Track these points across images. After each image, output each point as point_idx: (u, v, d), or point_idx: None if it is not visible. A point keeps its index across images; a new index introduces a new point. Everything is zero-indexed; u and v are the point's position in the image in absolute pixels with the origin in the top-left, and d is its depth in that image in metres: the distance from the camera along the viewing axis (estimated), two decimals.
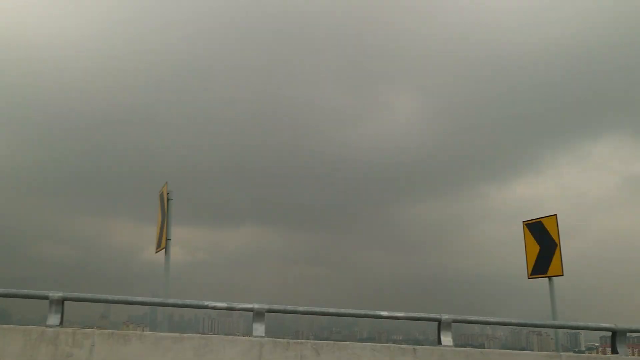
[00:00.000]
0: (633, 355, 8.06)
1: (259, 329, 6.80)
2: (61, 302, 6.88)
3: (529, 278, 9.22)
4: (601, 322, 7.71)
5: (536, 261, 9.07)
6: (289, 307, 7.12)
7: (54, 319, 6.79)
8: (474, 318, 7.49)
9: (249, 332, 6.81)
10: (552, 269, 8.78)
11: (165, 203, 8.26)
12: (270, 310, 6.93)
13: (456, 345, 7.01)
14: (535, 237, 9.18)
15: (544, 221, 9.05)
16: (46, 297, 6.86)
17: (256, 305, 6.90)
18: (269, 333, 6.77)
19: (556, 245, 8.76)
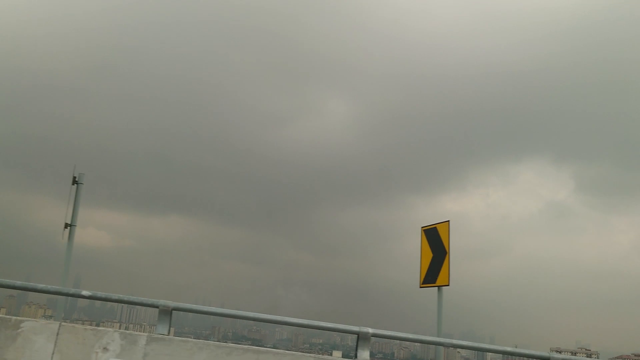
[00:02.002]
0: None
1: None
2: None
3: (420, 287, 8.57)
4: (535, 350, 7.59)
5: (428, 270, 8.43)
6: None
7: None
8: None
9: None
10: (441, 278, 8.17)
11: None
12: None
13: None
14: (430, 244, 8.50)
15: (438, 227, 8.39)
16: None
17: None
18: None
19: (446, 253, 8.17)
